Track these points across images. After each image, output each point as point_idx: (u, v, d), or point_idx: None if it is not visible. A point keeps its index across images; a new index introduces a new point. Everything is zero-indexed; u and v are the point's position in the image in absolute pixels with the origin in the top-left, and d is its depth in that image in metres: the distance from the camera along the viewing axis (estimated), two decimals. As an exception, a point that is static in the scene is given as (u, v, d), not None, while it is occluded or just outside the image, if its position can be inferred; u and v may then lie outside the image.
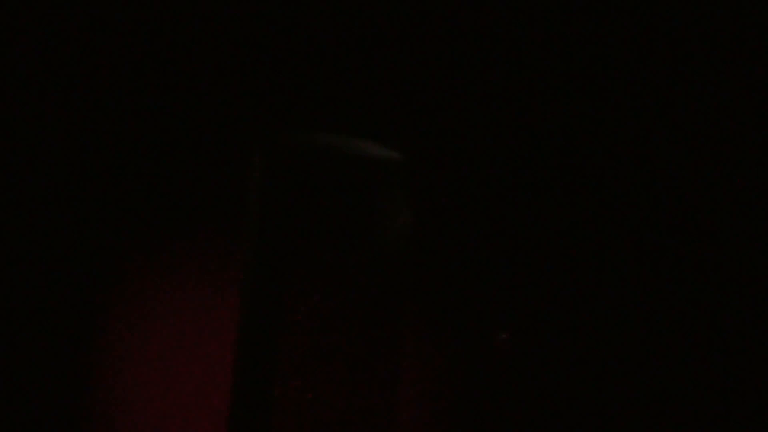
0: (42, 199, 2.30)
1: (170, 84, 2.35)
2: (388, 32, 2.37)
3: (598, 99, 2.37)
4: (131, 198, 2.33)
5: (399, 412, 2.34)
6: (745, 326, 2.24)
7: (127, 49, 2.33)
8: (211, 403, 2.30)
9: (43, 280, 2.28)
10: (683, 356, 2.26)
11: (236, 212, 2.36)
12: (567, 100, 2.38)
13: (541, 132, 2.38)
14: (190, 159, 2.35)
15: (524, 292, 2.35)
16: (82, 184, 2.32)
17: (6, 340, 2.25)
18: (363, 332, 2.39)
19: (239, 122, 2.36)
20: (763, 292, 2.22)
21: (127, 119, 2.34)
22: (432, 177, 2.40)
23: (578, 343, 2.32)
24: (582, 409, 2.29)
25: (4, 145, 2.29)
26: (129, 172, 2.33)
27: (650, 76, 2.35)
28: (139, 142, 2.34)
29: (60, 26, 2.30)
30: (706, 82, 2.30)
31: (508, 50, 2.38)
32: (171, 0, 2.34)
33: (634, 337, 2.30)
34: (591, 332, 2.32)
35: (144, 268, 2.31)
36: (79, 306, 2.30)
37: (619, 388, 2.29)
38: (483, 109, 2.39)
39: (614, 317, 2.31)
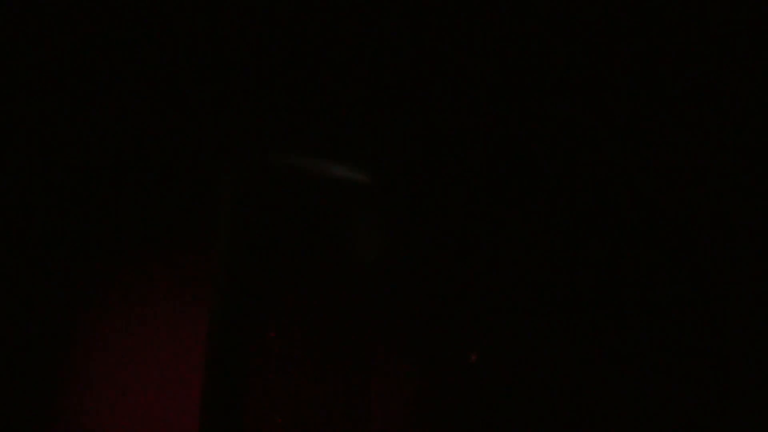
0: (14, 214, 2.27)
1: (141, 105, 2.32)
2: (359, 55, 2.36)
3: (575, 118, 2.38)
4: (98, 216, 2.31)
5: (373, 424, 2.35)
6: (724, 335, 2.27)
7: (101, 67, 2.30)
8: (181, 425, 2.29)
9: (15, 292, 2.26)
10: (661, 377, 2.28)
11: (206, 232, 2.35)
12: (540, 119, 2.39)
13: (511, 154, 2.39)
14: (160, 179, 2.33)
15: (494, 313, 2.36)
16: (52, 200, 2.29)
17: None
18: (333, 354, 2.39)
19: (210, 143, 2.35)
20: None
21: (96, 136, 2.31)
22: (402, 198, 2.40)
23: (549, 363, 2.33)
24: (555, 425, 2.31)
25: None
26: (97, 190, 2.30)
27: (631, 84, 2.36)
28: (110, 161, 2.32)
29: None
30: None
31: (479, 71, 2.38)
32: (146, 21, 2.32)
33: (606, 357, 2.33)
34: (562, 352, 2.34)
35: (113, 287, 2.29)
36: (50, 323, 2.28)
37: (590, 406, 2.31)
38: (453, 131, 2.39)
39: (586, 337, 2.33)
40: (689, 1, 2.29)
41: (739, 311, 2.26)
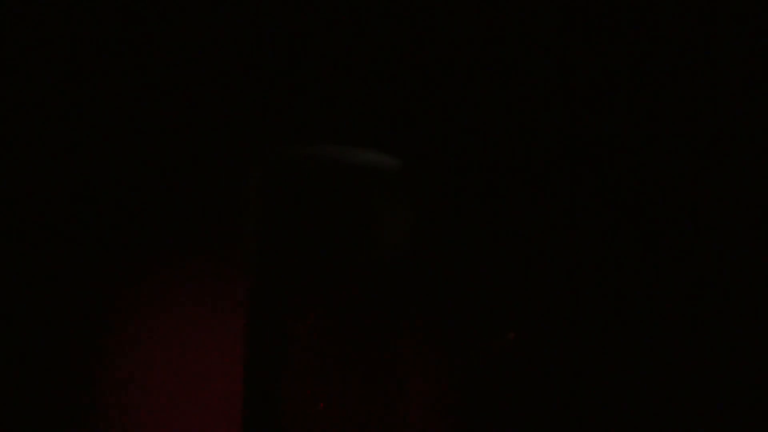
0: (50, 208, 2.32)
1: (167, 96, 2.36)
2: (384, 40, 2.39)
3: (594, 99, 2.38)
4: (128, 213, 2.34)
5: (409, 411, 2.36)
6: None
7: (127, 58, 2.35)
8: (223, 418, 2.31)
9: (48, 285, 2.30)
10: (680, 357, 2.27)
11: (238, 221, 2.38)
12: (564, 101, 2.39)
13: (539, 132, 2.39)
14: (187, 172, 2.36)
15: (528, 291, 2.36)
16: (84, 190, 2.33)
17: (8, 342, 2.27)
18: (367, 339, 2.41)
19: (236, 135, 2.38)
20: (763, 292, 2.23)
21: (125, 129, 2.35)
22: (431, 182, 2.41)
23: (584, 341, 2.33)
24: (588, 407, 2.30)
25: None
26: (128, 181, 2.34)
27: (646, 77, 2.36)
28: (137, 154, 2.35)
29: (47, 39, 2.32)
30: (706, 82, 2.31)
31: (503, 55, 2.39)
32: (169, 9, 2.36)
33: (640, 332, 2.32)
34: (596, 329, 2.33)
35: (146, 280, 2.33)
36: (83, 324, 2.32)
37: (626, 383, 2.30)
38: (480, 114, 2.40)
39: (620, 313, 2.33)
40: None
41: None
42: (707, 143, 2.28)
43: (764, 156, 2.25)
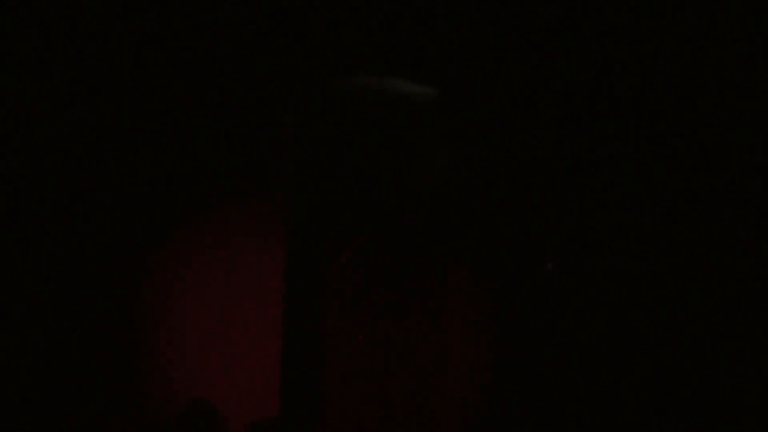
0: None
1: (203, 36, 2.33)
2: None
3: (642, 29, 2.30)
4: (172, 154, 2.35)
5: (449, 344, 2.37)
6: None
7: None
8: (264, 345, 2.35)
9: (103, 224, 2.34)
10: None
11: (275, 158, 2.37)
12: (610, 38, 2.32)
13: (584, 63, 2.33)
14: (226, 108, 2.35)
15: (567, 222, 2.34)
16: (127, 140, 2.34)
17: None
18: (408, 271, 2.41)
19: (271, 69, 2.35)
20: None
21: (162, 72, 2.34)
22: (469, 111, 2.37)
23: (625, 273, 2.31)
24: (630, 339, 2.29)
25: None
26: (167, 129, 2.34)
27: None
28: (175, 99, 2.35)
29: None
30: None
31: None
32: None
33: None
34: (638, 261, 2.30)
35: (191, 221, 2.35)
36: (134, 261, 2.35)
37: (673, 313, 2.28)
38: (516, 41, 2.34)
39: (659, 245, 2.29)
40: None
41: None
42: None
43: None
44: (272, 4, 2.33)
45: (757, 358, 2.17)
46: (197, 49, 2.33)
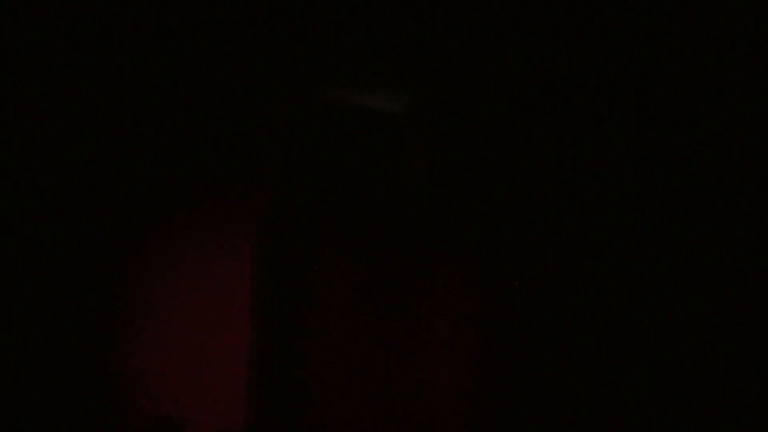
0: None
1: (183, 45, 2.33)
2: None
3: (607, 46, 2.39)
4: (146, 155, 2.31)
5: (432, 349, 2.38)
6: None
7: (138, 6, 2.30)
8: (233, 358, 2.30)
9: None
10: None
11: (251, 169, 2.36)
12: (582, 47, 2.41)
13: (555, 73, 2.38)
14: (205, 118, 2.34)
15: (548, 226, 2.39)
16: (101, 141, 2.28)
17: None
18: (382, 279, 2.41)
19: (252, 81, 2.36)
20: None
21: (141, 77, 2.31)
22: (448, 119, 2.40)
23: (592, 290, 2.39)
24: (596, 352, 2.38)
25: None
26: (142, 131, 2.30)
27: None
28: (154, 102, 2.31)
29: None
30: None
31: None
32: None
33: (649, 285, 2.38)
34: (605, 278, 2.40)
35: (162, 226, 2.30)
36: (103, 264, 2.28)
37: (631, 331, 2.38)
38: (490, 55, 2.39)
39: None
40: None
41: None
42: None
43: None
44: (248, 15, 2.35)
45: (737, 369, 2.28)
46: (175, 56, 2.33)
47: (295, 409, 2.34)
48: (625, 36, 2.38)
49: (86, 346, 2.24)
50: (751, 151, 2.30)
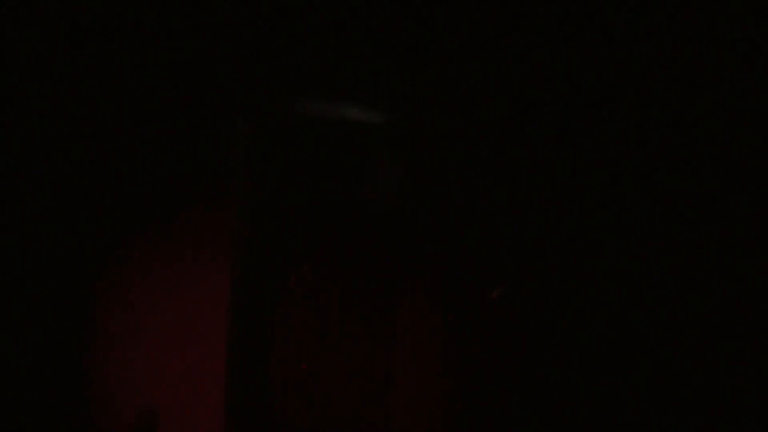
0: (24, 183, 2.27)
1: (156, 52, 2.28)
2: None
3: (579, 68, 2.31)
4: (117, 172, 2.29)
5: (396, 374, 2.37)
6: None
7: (106, 19, 2.25)
8: (208, 373, 2.31)
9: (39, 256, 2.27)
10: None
11: (225, 181, 2.32)
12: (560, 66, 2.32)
13: (530, 89, 2.33)
14: (178, 129, 2.30)
15: (516, 250, 2.35)
16: (70, 159, 2.28)
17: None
18: (357, 297, 2.40)
19: (226, 91, 2.30)
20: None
21: (113, 86, 2.28)
22: (421, 139, 2.36)
23: (570, 301, 2.33)
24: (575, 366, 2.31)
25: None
26: (115, 145, 2.28)
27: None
28: (122, 114, 2.29)
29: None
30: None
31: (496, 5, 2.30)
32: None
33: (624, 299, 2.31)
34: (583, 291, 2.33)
35: (135, 241, 2.29)
36: (75, 281, 2.30)
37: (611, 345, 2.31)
38: (468, 68, 2.33)
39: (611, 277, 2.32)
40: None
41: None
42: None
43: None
44: (225, 26, 2.28)
45: (721, 377, 2.23)
46: (148, 66, 2.28)
47: (268, 420, 2.38)
48: (601, 51, 2.31)
49: (58, 357, 2.29)
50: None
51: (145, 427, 2.28)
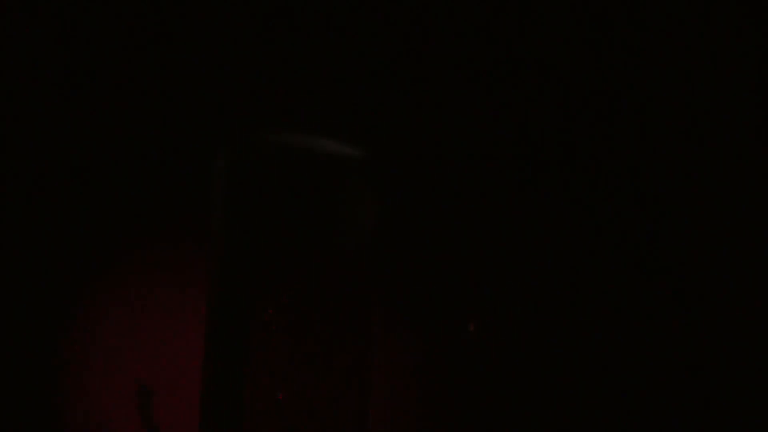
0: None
1: (134, 84, 2.30)
2: (349, 31, 2.35)
3: (560, 96, 2.36)
4: (93, 199, 2.30)
5: (371, 406, 2.35)
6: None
7: (94, 47, 2.29)
8: (182, 403, 2.29)
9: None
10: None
11: (200, 212, 2.34)
12: (533, 96, 2.38)
13: (504, 122, 2.38)
14: (152, 160, 2.31)
15: (490, 284, 2.36)
16: (48, 185, 2.28)
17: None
18: (332, 329, 2.39)
19: (201, 122, 2.33)
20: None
21: (90, 121, 2.30)
22: (396, 172, 2.39)
23: (547, 333, 2.33)
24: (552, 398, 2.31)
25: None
26: (91, 175, 2.29)
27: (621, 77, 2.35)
28: (101, 143, 2.30)
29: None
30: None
31: (467, 45, 2.37)
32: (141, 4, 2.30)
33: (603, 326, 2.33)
34: (558, 322, 2.34)
35: (109, 271, 2.29)
36: (51, 307, 2.28)
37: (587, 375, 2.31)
38: (443, 104, 2.38)
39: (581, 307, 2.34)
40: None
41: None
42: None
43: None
44: (201, 56, 2.31)
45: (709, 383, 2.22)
46: (125, 92, 2.30)
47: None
48: (575, 78, 2.34)
49: (30, 377, 2.27)
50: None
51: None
